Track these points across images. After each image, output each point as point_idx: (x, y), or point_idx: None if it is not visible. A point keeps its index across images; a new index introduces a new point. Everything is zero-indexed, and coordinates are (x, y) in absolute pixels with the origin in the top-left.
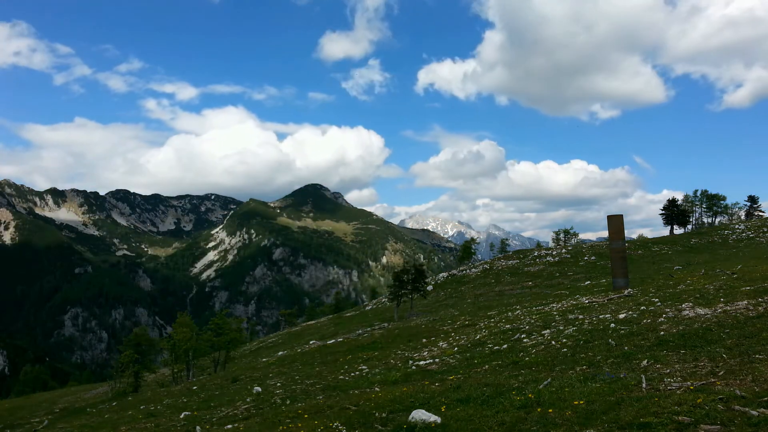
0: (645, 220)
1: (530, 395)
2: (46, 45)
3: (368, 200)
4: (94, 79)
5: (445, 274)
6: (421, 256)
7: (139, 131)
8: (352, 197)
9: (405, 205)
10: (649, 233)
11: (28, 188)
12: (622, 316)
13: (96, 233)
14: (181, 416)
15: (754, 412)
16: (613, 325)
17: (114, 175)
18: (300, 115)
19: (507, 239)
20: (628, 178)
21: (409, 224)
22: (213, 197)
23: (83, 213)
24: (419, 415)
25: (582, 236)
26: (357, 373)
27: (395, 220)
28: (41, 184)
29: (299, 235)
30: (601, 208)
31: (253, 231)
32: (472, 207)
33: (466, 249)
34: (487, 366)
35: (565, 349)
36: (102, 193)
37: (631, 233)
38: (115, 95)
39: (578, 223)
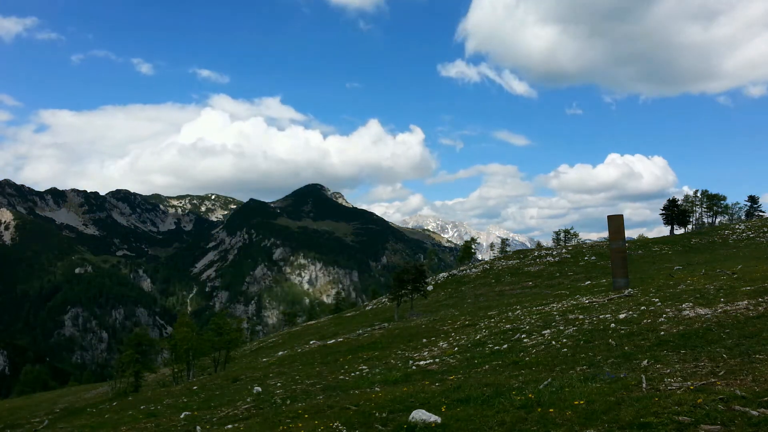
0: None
1: (530, 395)
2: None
3: (396, 196)
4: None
5: (445, 274)
6: (422, 256)
7: (164, 114)
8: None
9: (434, 199)
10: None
11: (29, 188)
12: (622, 316)
13: (96, 233)
14: (182, 416)
15: (754, 412)
16: (613, 325)
17: (144, 156)
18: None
19: (507, 239)
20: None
21: (410, 224)
22: (213, 197)
23: (83, 213)
24: (419, 415)
25: (583, 236)
26: (357, 373)
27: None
28: (58, 170)
29: (299, 235)
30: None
31: (253, 231)
32: (506, 203)
33: (466, 249)
34: (487, 366)
35: (565, 349)
36: (102, 193)
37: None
38: (143, 79)
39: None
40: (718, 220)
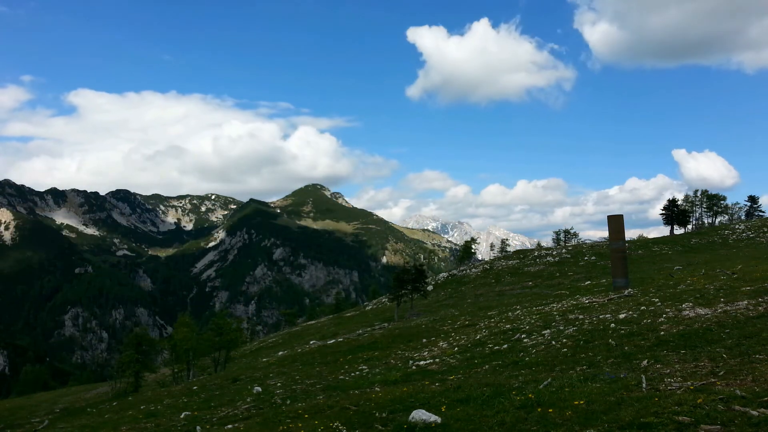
0: None
1: (530, 395)
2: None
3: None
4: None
5: (445, 274)
6: (422, 256)
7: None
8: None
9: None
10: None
11: (29, 188)
12: (622, 316)
13: (96, 233)
14: (182, 416)
15: (754, 412)
16: (613, 325)
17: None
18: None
19: (507, 239)
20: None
21: (410, 224)
22: (213, 197)
23: (83, 213)
24: (419, 415)
25: (584, 236)
26: (357, 373)
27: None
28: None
29: (299, 235)
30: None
31: (253, 231)
32: (559, 197)
33: (466, 249)
34: (487, 366)
35: (565, 349)
36: (102, 192)
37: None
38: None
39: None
40: (718, 220)
